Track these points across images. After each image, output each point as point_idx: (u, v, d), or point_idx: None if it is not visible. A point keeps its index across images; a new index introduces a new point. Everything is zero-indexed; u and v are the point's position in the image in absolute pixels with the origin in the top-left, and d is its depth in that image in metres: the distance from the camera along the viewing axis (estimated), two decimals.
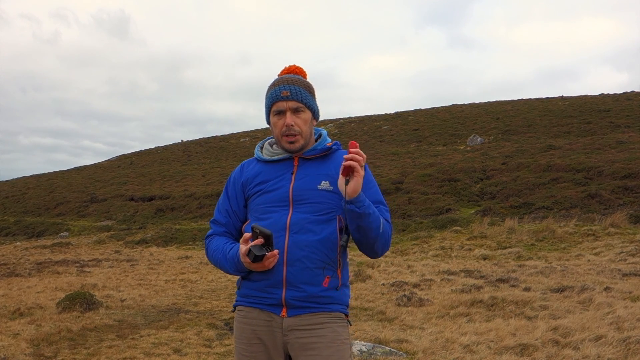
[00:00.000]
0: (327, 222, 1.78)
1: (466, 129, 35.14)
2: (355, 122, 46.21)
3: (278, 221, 1.78)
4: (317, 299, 1.77)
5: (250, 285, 1.83)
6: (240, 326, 1.86)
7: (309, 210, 1.78)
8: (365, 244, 1.79)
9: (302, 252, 1.75)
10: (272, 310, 1.79)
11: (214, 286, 9.53)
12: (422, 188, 20.71)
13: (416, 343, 4.92)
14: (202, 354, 4.88)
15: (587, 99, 41.26)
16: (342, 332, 1.81)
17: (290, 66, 1.93)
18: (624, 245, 11.21)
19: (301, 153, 1.86)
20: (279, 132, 1.83)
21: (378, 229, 1.75)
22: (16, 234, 27.16)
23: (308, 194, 1.79)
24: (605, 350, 4.28)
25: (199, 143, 53.34)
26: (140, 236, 20.29)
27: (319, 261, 1.76)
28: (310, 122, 1.86)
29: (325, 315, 1.79)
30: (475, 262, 11.14)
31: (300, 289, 1.75)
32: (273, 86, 1.87)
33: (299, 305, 1.77)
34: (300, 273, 1.74)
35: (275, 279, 1.76)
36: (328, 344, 1.76)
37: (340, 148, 1.92)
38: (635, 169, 17.79)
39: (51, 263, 14.17)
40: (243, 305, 1.86)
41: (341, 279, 1.81)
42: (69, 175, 49.21)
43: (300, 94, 1.82)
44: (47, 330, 5.73)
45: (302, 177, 1.83)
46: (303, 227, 1.76)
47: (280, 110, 1.83)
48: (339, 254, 1.81)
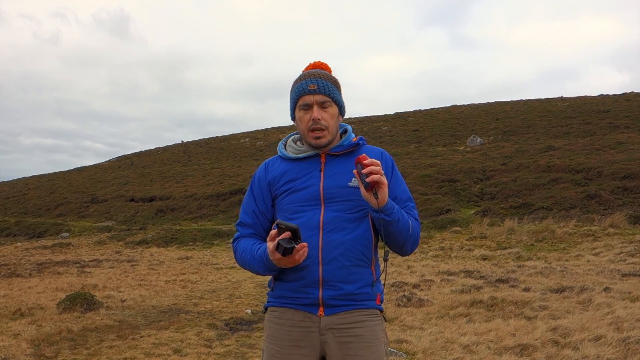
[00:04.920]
0: (360, 219, 1.76)
1: (466, 130, 35.14)
2: (355, 122, 46.22)
3: (311, 220, 1.75)
4: (354, 297, 1.75)
5: (284, 286, 1.79)
6: (273, 327, 1.81)
7: (341, 208, 1.75)
8: (395, 245, 1.79)
9: (338, 251, 1.73)
10: (308, 309, 1.76)
11: (214, 287, 9.54)
12: (421, 189, 20.72)
13: (416, 343, 4.93)
14: (202, 355, 4.89)
15: (587, 99, 41.28)
16: (379, 331, 1.80)
17: (315, 62, 1.89)
18: (623, 246, 11.23)
19: (328, 149, 1.82)
20: (305, 127, 1.79)
21: (408, 231, 1.75)
22: (17, 235, 27.16)
23: (339, 192, 1.76)
24: (605, 350, 4.29)
25: (200, 144, 53.34)
26: (141, 237, 20.31)
27: (354, 259, 1.75)
28: (337, 118, 1.83)
29: (362, 313, 1.77)
30: (475, 263, 11.15)
31: (337, 287, 1.73)
32: (299, 80, 1.83)
33: (335, 304, 1.74)
34: (336, 271, 1.72)
35: (311, 279, 1.73)
36: (365, 344, 1.75)
37: (366, 143, 1.90)
38: (635, 170, 17.80)
39: (52, 263, 14.18)
40: (276, 306, 1.82)
41: (375, 274, 1.82)
42: (70, 175, 49.21)
43: (327, 88, 1.79)
44: (47, 330, 5.74)
45: (332, 174, 1.79)
46: (337, 226, 1.74)
47: (306, 104, 1.79)
48: (373, 250, 1.81)
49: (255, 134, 51.68)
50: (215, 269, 12.47)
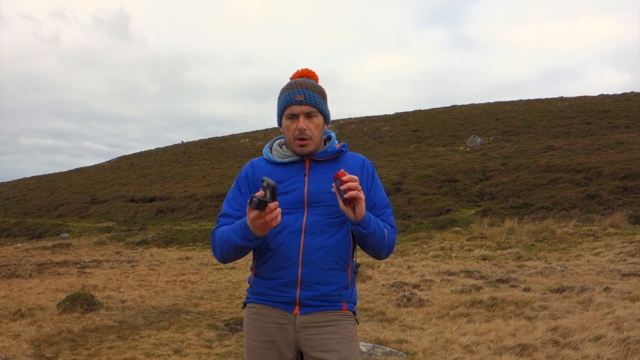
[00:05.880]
0: (341, 224, 1.83)
1: (466, 130, 35.17)
2: (355, 123, 46.21)
3: (294, 223, 1.81)
4: (330, 298, 1.83)
5: (263, 283, 1.86)
6: (251, 323, 1.89)
7: (323, 212, 1.82)
8: (371, 252, 1.88)
9: (318, 254, 1.79)
10: (284, 307, 1.83)
11: (214, 287, 9.54)
12: (422, 189, 20.73)
13: (416, 343, 4.93)
14: (202, 355, 4.89)
15: (587, 99, 41.31)
16: (352, 330, 1.87)
17: (302, 69, 1.95)
18: (623, 246, 11.23)
19: (312, 155, 1.89)
20: (292, 135, 1.86)
21: (383, 240, 1.83)
22: (17, 235, 27.17)
23: (322, 197, 1.83)
24: (605, 350, 4.29)
25: (199, 144, 53.39)
26: (141, 237, 20.32)
27: (333, 262, 1.81)
28: (321, 127, 1.90)
29: (336, 313, 1.84)
30: (475, 263, 11.15)
31: (314, 288, 1.80)
32: (286, 89, 1.88)
33: (311, 304, 1.81)
34: (315, 273, 1.79)
35: (290, 279, 1.80)
36: (339, 341, 1.82)
37: (348, 150, 1.97)
38: (635, 170, 17.80)
39: (52, 264, 14.19)
40: (254, 302, 1.89)
41: (350, 278, 1.88)
42: (70, 176, 49.23)
43: (313, 99, 1.85)
44: (47, 331, 5.74)
45: (316, 179, 1.85)
46: (318, 229, 1.81)
47: (293, 114, 1.85)
48: (351, 255, 1.88)
49: (255, 134, 51.71)
50: (216, 269, 12.48)
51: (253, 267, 1.91)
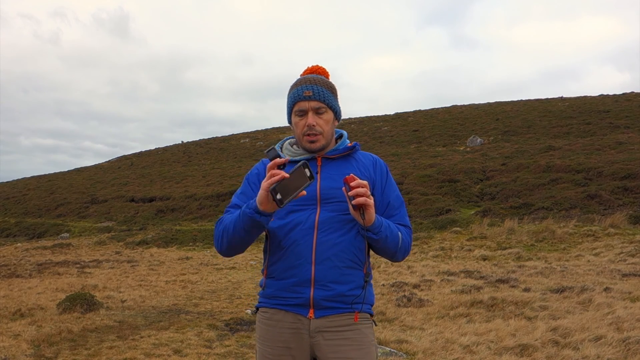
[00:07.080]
0: (354, 221, 1.77)
1: (466, 130, 35.16)
2: (355, 123, 46.21)
3: (306, 220, 1.77)
4: (345, 298, 1.76)
5: (275, 284, 1.81)
6: (265, 328, 1.83)
7: (336, 209, 1.77)
8: (386, 255, 1.83)
9: (332, 251, 1.74)
10: (298, 311, 1.77)
11: (215, 287, 9.54)
12: (422, 189, 20.73)
13: (416, 343, 4.93)
14: (202, 355, 4.89)
15: (587, 99, 41.29)
16: (369, 334, 1.81)
17: (312, 66, 1.91)
18: (623, 246, 11.23)
19: (324, 153, 1.85)
20: (301, 132, 1.82)
21: (396, 245, 1.78)
22: (17, 235, 27.17)
23: (335, 193, 1.78)
24: (605, 350, 4.29)
25: (200, 144, 53.36)
26: (141, 237, 20.31)
27: (347, 260, 1.76)
28: (332, 123, 1.85)
29: (352, 316, 1.78)
30: (475, 263, 11.15)
31: (329, 287, 1.74)
32: (295, 86, 1.85)
33: (326, 306, 1.75)
34: (328, 271, 1.74)
35: (303, 277, 1.74)
36: (356, 347, 1.76)
37: (360, 149, 1.93)
38: (635, 170, 17.80)
39: (52, 264, 14.18)
40: (267, 307, 1.84)
41: (366, 276, 1.83)
42: (70, 176, 49.21)
43: (322, 94, 1.81)
44: (47, 331, 5.75)
45: (328, 176, 1.82)
46: (332, 226, 1.76)
47: (302, 110, 1.81)
48: (367, 253, 1.82)
49: (255, 135, 51.69)
50: (216, 269, 12.48)
51: (264, 269, 1.86)
